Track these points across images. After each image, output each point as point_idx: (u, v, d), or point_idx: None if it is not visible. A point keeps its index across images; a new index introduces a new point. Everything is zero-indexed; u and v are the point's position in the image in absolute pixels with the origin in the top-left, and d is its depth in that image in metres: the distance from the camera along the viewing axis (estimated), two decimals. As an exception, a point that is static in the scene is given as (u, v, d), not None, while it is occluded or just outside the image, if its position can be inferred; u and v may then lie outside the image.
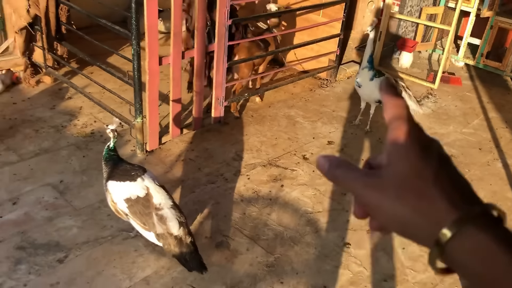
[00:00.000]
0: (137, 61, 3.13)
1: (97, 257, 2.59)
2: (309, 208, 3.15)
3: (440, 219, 0.44)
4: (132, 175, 2.48)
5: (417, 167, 0.47)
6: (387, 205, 0.48)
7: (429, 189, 0.46)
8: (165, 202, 2.42)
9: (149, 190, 2.44)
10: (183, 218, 2.44)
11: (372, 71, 3.85)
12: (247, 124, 4.11)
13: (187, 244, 2.37)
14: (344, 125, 4.24)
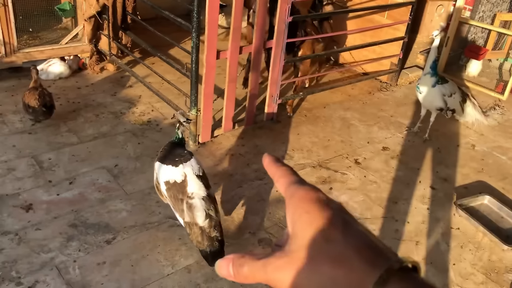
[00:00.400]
0: (195, 54, 3.18)
1: (142, 242, 2.66)
2: (357, 213, 3.06)
3: (361, 283, 0.41)
4: (176, 161, 2.52)
5: (324, 230, 0.44)
6: (304, 283, 0.44)
7: (342, 252, 0.43)
8: (198, 192, 2.43)
9: (186, 177, 2.46)
10: (213, 212, 2.41)
11: (434, 77, 3.68)
12: (300, 124, 4.07)
13: (210, 237, 2.36)
14: (402, 131, 4.09)
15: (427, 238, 2.91)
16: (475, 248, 2.86)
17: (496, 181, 3.52)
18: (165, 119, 3.86)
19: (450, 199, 3.26)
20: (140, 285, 2.39)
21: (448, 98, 3.74)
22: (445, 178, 3.50)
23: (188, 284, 2.43)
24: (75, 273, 2.41)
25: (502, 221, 3.10)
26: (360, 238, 0.44)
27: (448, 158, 3.76)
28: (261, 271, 0.47)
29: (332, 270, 0.43)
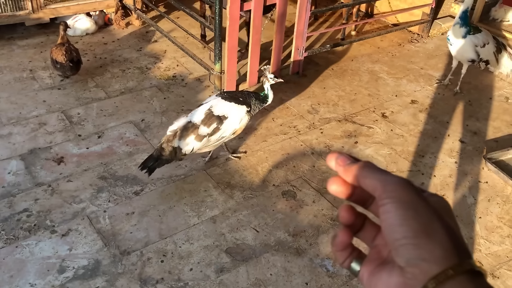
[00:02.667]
0: (218, 5, 3.13)
1: (169, 193, 2.73)
2: (382, 167, 3.04)
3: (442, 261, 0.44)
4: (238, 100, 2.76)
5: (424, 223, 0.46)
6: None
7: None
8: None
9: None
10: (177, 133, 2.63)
11: (464, 28, 3.52)
12: (326, 77, 4.00)
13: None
14: (432, 84, 3.97)
15: (453, 192, 2.87)
16: (503, 201, 2.81)
17: (529, 134, 3.41)
18: (190, 74, 3.87)
19: (480, 153, 3.19)
20: (167, 234, 2.48)
21: (480, 49, 3.58)
22: (475, 132, 3.41)
23: (213, 234, 2.50)
24: (105, 222, 2.51)
25: (533, 175, 3.03)
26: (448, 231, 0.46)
27: (479, 111, 3.65)
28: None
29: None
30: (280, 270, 2.33)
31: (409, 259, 0.44)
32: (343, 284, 2.29)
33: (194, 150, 2.67)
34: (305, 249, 2.46)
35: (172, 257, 2.36)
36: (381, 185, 0.48)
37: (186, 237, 2.47)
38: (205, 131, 2.63)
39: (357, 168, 0.51)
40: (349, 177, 0.52)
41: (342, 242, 0.53)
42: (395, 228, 0.45)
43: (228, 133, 2.73)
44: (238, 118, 2.72)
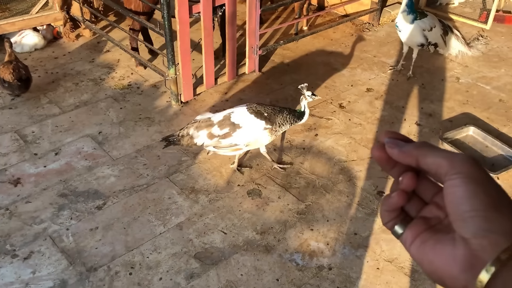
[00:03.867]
0: (166, 10, 3.10)
1: (133, 205, 2.69)
2: (343, 156, 3.09)
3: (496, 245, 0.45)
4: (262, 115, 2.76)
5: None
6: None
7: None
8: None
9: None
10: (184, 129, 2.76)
11: (411, 15, 3.61)
12: (283, 73, 4.03)
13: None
14: (386, 71, 4.06)
15: (413, 174, 2.94)
16: (460, 179, 2.90)
17: (480, 111, 3.53)
18: (146, 81, 3.82)
19: (436, 134, 3.28)
20: (134, 246, 2.44)
21: (428, 33, 3.69)
22: (430, 114, 3.51)
23: (180, 240, 2.48)
24: (69, 240, 2.46)
25: (487, 150, 3.14)
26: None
27: (433, 93, 3.75)
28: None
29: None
30: (251, 270, 2.34)
31: (478, 230, 0.44)
32: (313, 276, 2.31)
33: (204, 145, 2.73)
34: (273, 246, 2.47)
35: (140, 269, 2.33)
36: (448, 162, 0.48)
37: (153, 246, 2.44)
38: (217, 132, 2.69)
39: (415, 148, 0.51)
40: (406, 158, 0.52)
41: (395, 204, 0.53)
42: (465, 201, 0.46)
43: (241, 143, 2.71)
44: (253, 132, 2.70)
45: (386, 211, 0.54)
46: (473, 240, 0.45)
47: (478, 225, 0.45)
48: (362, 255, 2.43)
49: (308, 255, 2.42)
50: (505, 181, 2.88)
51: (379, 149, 0.54)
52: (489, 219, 0.44)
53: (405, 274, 2.33)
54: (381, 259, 2.41)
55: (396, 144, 0.52)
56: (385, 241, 2.50)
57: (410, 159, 0.51)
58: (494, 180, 0.47)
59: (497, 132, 3.31)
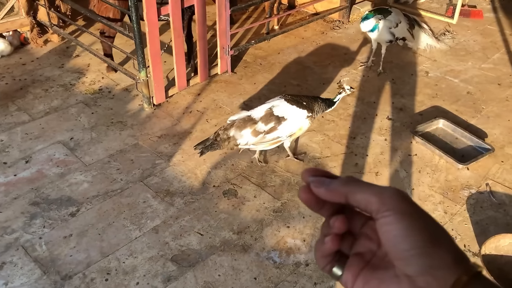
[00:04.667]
0: (134, 12, 3.07)
1: (107, 210, 2.66)
2: (317, 153, 3.11)
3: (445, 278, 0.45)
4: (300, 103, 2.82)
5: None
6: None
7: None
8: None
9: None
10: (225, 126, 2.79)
11: (374, 20, 3.69)
12: (256, 73, 4.04)
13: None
14: (356, 67, 4.11)
15: (386, 168, 2.99)
16: (432, 171, 2.96)
17: (449, 104, 3.60)
18: (117, 85, 3.78)
19: (407, 128, 3.33)
20: (109, 252, 2.41)
21: (394, 29, 3.75)
22: (401, 108, 3.57)
23: (156, 244, 2.46)
24: (42, 249, 2.41)
25: (457, 142, 3.21)
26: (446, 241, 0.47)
27: (403, 88, 3.81)
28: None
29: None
30: (228, 270, 2.34)
31: (422, 268, 0.44)
32: (291, 273, 2.33)
33: (248, 144, 2.74)
34: (250, 245, 2.47)
35: (116, 274, 2.30)
36: (377, 198, 0.47)
37: (129, 251, 2.42)
38: (262, 128, 2.70)
39: (342, 185, 0.50)
40: (335, 197, 0.50)
41: (330, 249, 0.52)
42: (402, 239, 0.45)
43: (284, 135, 2.77)
44: (297, 122, 2.76)
45: (322, 257, 0.53)
46: (418, 278, 0.44)
47: (420, 262, 0.44)
48: (338, 250, 2.45)
49: (285, 253, 2.44)
50: (475, 171, 2.96)
51: (305, 191, 0.52)
52: (430, 254, 0.44)
53: (381, 267, 2.36)
54: (357, 252, 2.44)
55: (322, 182, 0.51)
56: (360, 235, 2.53)
57: (338, 197, 0.50)
58: (426, 212, 0.47)
59: (466, 123, 3.39)
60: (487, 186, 2.84)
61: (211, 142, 2.76)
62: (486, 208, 2.71)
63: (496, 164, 3.01)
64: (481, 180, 2.89)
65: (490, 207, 2.72)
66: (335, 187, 0.50)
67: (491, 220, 2.62)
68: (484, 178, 2.91)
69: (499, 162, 3.03)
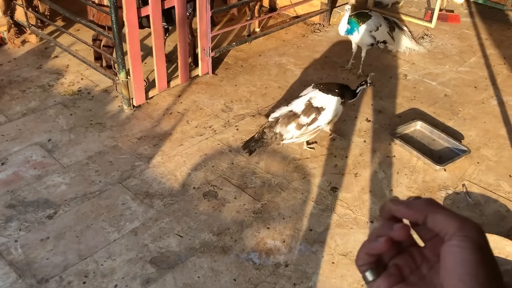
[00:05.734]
0: (114, 14, 3.05)
1: (85, 212, 2.63)
2: (297, 155, 3.13)
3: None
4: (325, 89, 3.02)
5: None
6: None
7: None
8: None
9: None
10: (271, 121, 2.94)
11: (355, 28, 3.73)
12: (237, 75, 4.04)
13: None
14: (336, 70, 4.14)
15: (365, 169, 3.02)
16: (410, 172, 3.00)
17: (427, 106, 3.66)
18: (97, 86, 3.74)
19: (386, 129, 3.38)
20: (87, 254, 2.38)
21: (375, 33, 3.80)
22: (380, 110, 3.61)
23: (135, 246, 2.44)
24: (18, 252, 2.37)
25: (434, 143, 3.26)
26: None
27: (382, 90, 3.86)
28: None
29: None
30: (208, 271, 2.33)
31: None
32: (270, 274, 2.33)
33: (293, 137, 2.91)
34: (230, 246, 2.47)
35: (94, 277, 2.27)
36: (459, 223, 0.48)
37: (107, 254, 2.39)
38: (305, 120, 2.87)
39: (424, 204, 0.51)
40: (413, 214, 0.51)
41: (378, 249, 0.52)
42: (469, 264, 0.46)
43: (323, 123, 2.95)
44: (334, 109, 2.94)
45: (366, 254, 0.53)
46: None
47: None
48: (317, 251, 2.47)
49: (265, 254, 2.44)
50: (451, 172, 3.01)
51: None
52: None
53: (359, 267, 2.38)
54: (336, 253, 2.46)
55: (403, 202, 0.52)
56: (339, 235, 2.56)
57: (417, 215, 0.51)
58: (493, 255, 0.49)
59: (443, 125, 3.44)
60: (463, 187, 2.89)
61: (257, 140, 2.90)
62: (463, 208, 2.76)
63: (472, 165, 3.07)
64: (458, 181, 2.94)
65: (466, 207, 2.77)
66: (417, 204, 0.51)
67: (467, 220, 2.67)
68: (461, 179, 2.96)
69: (475, 163, 3.09)
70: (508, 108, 3.68)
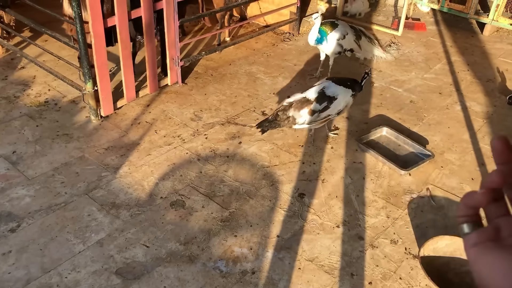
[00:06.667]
0: (79, 24, 3.04)
1: (50, 224, 2.59)
2: (266, 162, 3.15)
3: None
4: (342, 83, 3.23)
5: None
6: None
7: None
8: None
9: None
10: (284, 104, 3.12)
11: (323, 38, 3.80)
12: (206, 84, 4.05)
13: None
14: (305, 78, 4.20)
15: (332, 175, 3.06)
16: (375, 177, 3.06)
17: (393, 112, 3.74)
18: (64, 97, 3.70)
19: (352, 136, 3.43)
20: (51, 267, 2.35)
21: (342, 41, 3.87)
22: (347, 117, 3.67)
23: (101, 257, 2.41)
24: (-22, 267, 2.32)
25: (400, 149, 3.33)
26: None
27: (350, 98, 3.92)
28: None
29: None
30: (174, 281, 2.32)
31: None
32: (237, 282, 2.33)
33: (306, 122, 3.06)
34: (197, 255, 2.46)
35: (58, 290, 2.24)
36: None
37: (72, 266, 2.36)
38: (317, 107, 3.04)
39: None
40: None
41: (477, 202, 0.50)
42: None
43: (334, 112, 3.13)
44: (344, 100, 3.14)
45: (465, 205, 0.51)
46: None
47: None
48: (284, 257, 2.48)
49: (232, 262, 2.44)
50: (416, 176, 3.07)
51: (505, 144, 0.50)
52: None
53: (325, 272, 2.41)
54: (302, 259, 2.48)
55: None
56: (306, 241, 2.58)
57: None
58: None
59: (409, 131, 3.52)
60: (427, 191, 2.96)
61: (271, 121, 3.05)
62: (427, 211, 2.81)
63: (436, 169, 3.14)
64: (422, 185, 3.00)
65: (430, 210, 2.83)
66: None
67: (431, 223, 2.73)
68: (425, 183, 3.02)
69: (439, 168, 3.16)
70: (471, 113, 3.79)
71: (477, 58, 4.68)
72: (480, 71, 4.42)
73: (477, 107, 3.86)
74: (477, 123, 3.66)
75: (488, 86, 4.17)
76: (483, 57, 4.71)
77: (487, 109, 3.84)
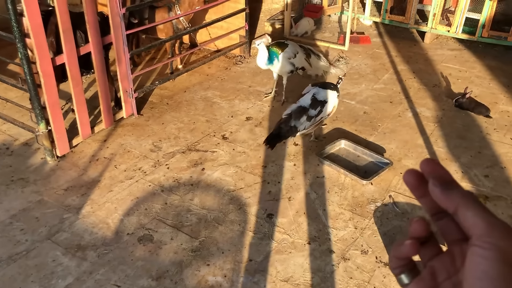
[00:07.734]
0: (27, 65, 2.96)
1: (12, 275, 2.47)
2: (231, 186, 3.15)
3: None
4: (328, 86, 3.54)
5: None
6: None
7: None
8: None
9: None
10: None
11: (275, 58, 3.90)
12: (163, 113, 4.03)
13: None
14: (261, 99, 4.25)
15: (297, 192, 3.09)
16: (340, 190, 3.11)
17: (349, 125, 3.84)
18: (16, 140, 3.58)
19: (313, 151, 3.49)
20: (17, 321, 2.23)
21: (293, 60, 3.96)
22: (306, 134, 3.73)
23: (70, 304, 2.32)
24: None
25: (359, 159, 3.41)
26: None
27: (306, 114, 4.00)
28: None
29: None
30: (149, 319, 2.26)
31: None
32: (214, 311, 2.30)
33: (305, 128, 3.31)
34: (171, 289, 2.41)
35: None
36: (485, 225, 0.43)
37: (40, 317, 2.26)
38: (313, 113, 3.31)
39: (460, 196, 0.46)
40: (446, 203, 0.46)
41: (406, 253, 0.49)
42: (489, 280, 0.41)
43: (326, 114, 3.40)
44: (333, 101, 3.43)
45: (395, 257, 0.51)
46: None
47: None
48: (259, 280, 2.47)
49: (207, 291, 2.41)
50: (378, 185, 3.15)
51: (413, 175, 0.49)
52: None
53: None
54: (277, 280, 2.47)
55: (442, 184, 0.47)
56: (279, 261, 2.58)
57: (449, 204, 0.46)
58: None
59: (366, 141, 3.62)
60: (390, 198, 3.04)
61: (275, 135, 3.22)
62: (392, 218, 2.89)
63: (396, 176, 3.24)
64: (384, 193, 3.09)
65: (395, 217, 2.90)
66: (452, 194, 0.46)
67: (397, 229, 2.80)
68: (387, 190, 3.11)
69: (399, 174, 3.26)
70: (422, 119, 3.94)
71: (422, 65, 4.90)
72: (425, 77, 4.63)
73: (427, 112, 4.03)
74: (429, 127, 3.81)
75: (435, 91, 4.37)
76: (427, 63, 4.94)
77: (436, 113, 4.02)
